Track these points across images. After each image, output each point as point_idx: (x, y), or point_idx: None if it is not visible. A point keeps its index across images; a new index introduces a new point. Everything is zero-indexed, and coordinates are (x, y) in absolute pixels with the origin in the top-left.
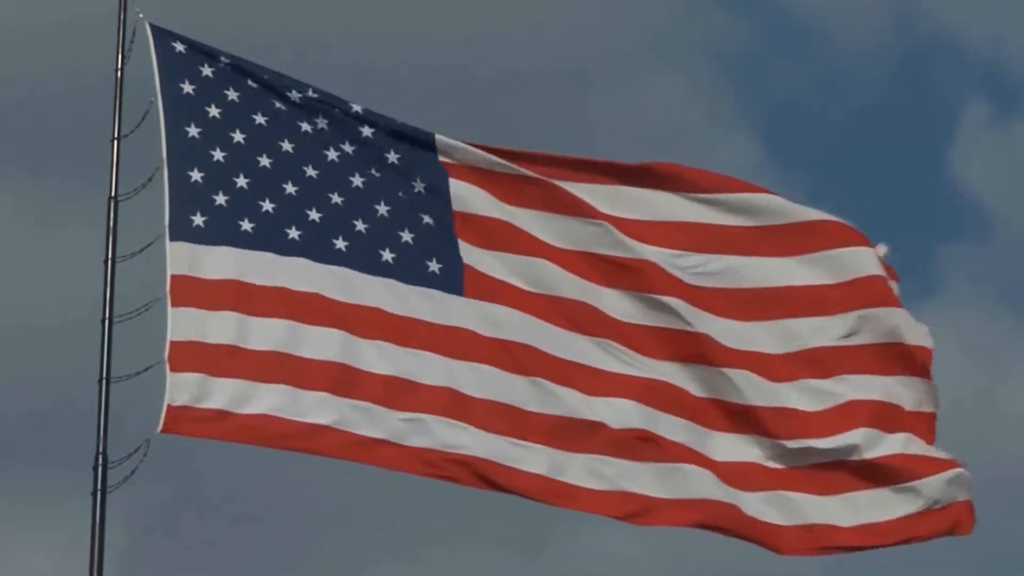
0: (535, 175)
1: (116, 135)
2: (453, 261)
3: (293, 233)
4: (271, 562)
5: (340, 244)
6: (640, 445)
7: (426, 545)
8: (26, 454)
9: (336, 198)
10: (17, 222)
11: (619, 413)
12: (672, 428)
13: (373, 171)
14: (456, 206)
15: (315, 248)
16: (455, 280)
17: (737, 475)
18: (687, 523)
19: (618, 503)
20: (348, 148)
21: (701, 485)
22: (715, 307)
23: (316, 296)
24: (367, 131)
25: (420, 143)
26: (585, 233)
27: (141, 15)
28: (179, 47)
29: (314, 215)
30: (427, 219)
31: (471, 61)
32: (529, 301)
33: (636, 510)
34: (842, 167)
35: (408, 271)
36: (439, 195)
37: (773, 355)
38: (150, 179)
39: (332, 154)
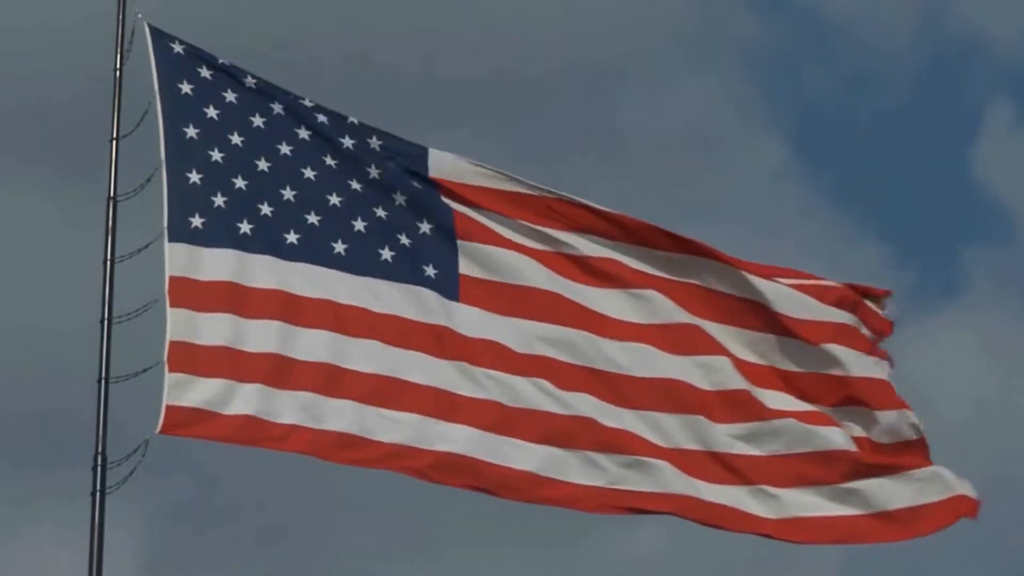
0: (530, 192)
1: (115, 135)
2: (449, 266)
3: (291, 236)
4: (291, 561)
5: (339, 247)
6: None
7: (450, 544)
8: (26, 455)
9: (335, 200)
10: (16, 223)
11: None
12: (675, 426)
13: (371, 173)
14: (455, 208)
15: (313, 251)
16: (451, 285)
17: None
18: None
19: (608, 500)
20: (347, 146)
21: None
22: (691, 306)
23: (313, 299)
24: (365, 139)
25: (412, 159)
26: (577, 239)
27: (140, 16)
28: (177, 48)
29: (313, 218)
30: (425, 221)
31: (497, 61)
32: (526, 303)
33: (623, 505)
34: (867, 168)
35: (406, 274)
36: (437, 198)
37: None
38: (149, 179)
39: (329, 159)
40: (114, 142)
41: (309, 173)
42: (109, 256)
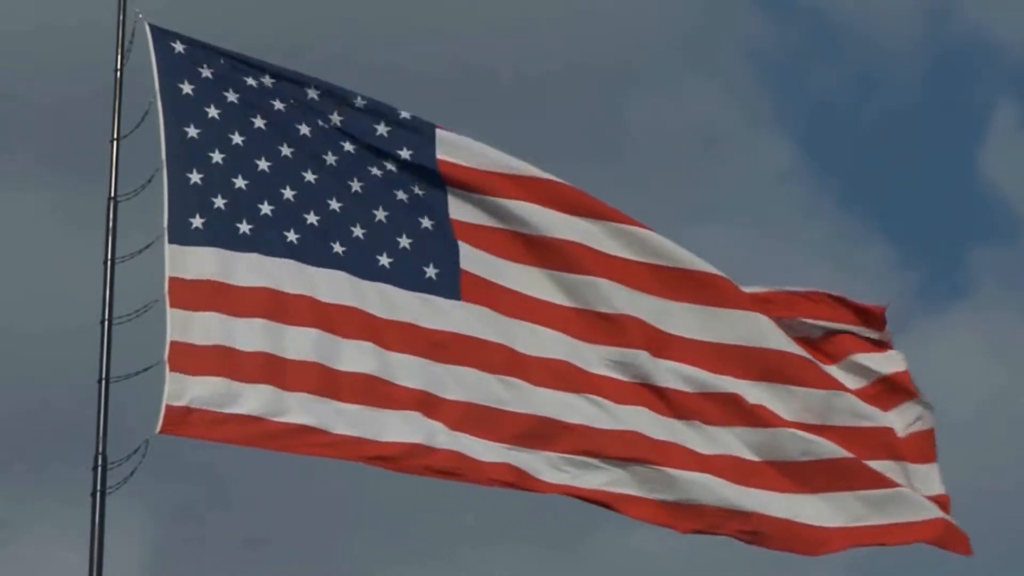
0: (537, 175)
1: (116, 135)
2: (450, 265)
3: (291, 236)
4: (293, 562)
5: (338, 248)
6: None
7: (455, 544)
8: (26, 455)
9: (334, 203)
10: (15, 223)
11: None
12: (671, 431)
13: (373, 173)
14: (453, 212)
15: (312, 252)
16: (452, 284)
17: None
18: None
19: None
20: (348, 148)
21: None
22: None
23: (312, 300)
24: (366, 133)
25: (421, 141)
26: (585, 228)
27: (140, 15)
28: (178, 47)
29: (312, 219)
30: (426, 222)
31: (505, 60)
32: (527, 305)
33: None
34: (874, 168)
35: (405, 276)
36: (438, 197)
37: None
38: (150, 180)
39: (330, 158)
40: (114, 142)
41: (309, 175)
42: (109, 256)
